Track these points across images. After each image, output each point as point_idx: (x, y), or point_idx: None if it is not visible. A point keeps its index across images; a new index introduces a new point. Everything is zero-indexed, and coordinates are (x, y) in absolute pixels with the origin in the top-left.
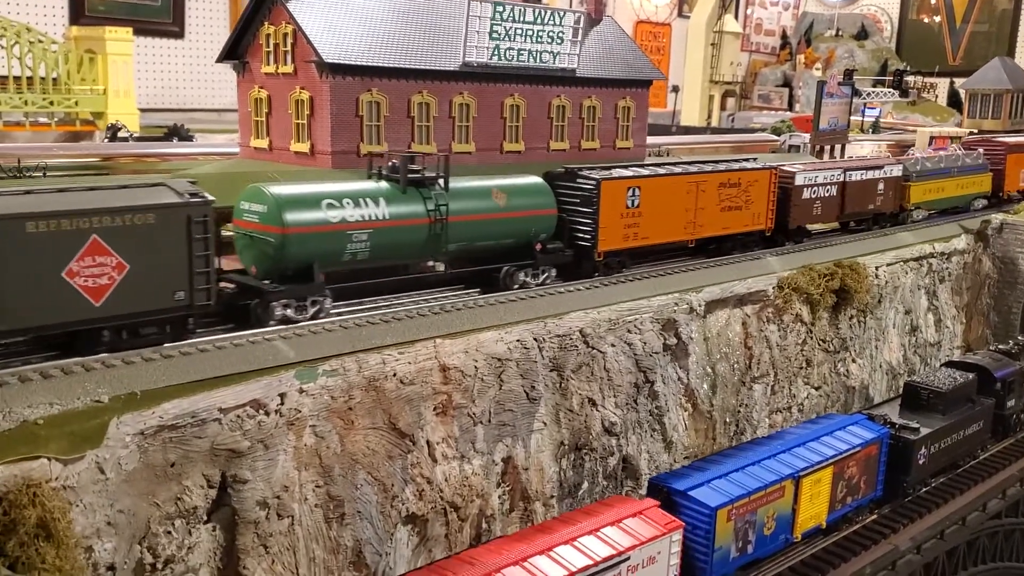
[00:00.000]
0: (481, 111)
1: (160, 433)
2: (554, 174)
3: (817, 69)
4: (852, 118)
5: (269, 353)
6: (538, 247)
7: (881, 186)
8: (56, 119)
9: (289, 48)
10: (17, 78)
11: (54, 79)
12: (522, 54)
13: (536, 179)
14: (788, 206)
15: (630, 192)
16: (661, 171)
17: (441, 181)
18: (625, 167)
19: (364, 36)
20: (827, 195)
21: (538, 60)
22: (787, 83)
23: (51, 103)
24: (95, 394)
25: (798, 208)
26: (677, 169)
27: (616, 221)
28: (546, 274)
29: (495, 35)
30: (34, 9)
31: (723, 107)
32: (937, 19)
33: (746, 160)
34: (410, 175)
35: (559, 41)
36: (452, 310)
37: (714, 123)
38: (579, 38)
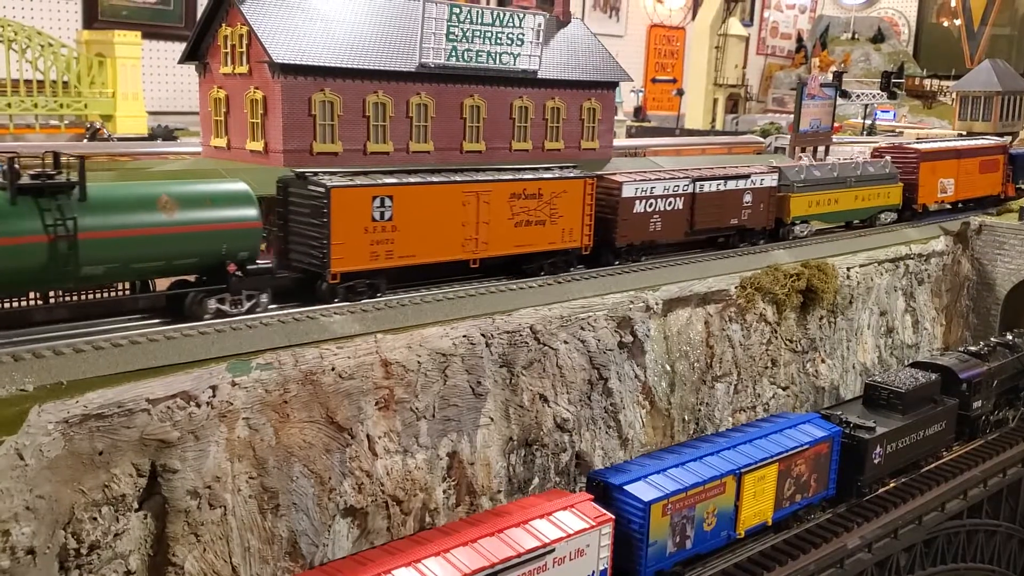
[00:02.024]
0: (439, 111)
1: (86, 422)
2: (286, 179)
3: (833, 72)
4: (865, 121)
5: (200, 346)
6: (231, 268)
7: (748, 198)
8: (66, 122)
9: (244, 49)
10: (28, 81)
11: (64, 82)
12: (480, 55)
13: (234, 185)
14: (614, 221)
15: (378, 202)
16: (422, 179)
17: (78, 189)
18: (388, 173)
19: (319, 37)
20: (669, 208)
21: (497, 61)
22: None
23: (61, 106)
24: (20, 383)
25: (628, 223)
26: (443, 178)
27: (358, 237)
28: (253, 300)
29: (452, 36)
30: (48, 14)
31: (728, 110)
32: (957, 22)
33: (563, 167)
34: (27, 182)
35: (519, 43)
36: (396, 306)
37: (718, 126)
38: (540, 40)
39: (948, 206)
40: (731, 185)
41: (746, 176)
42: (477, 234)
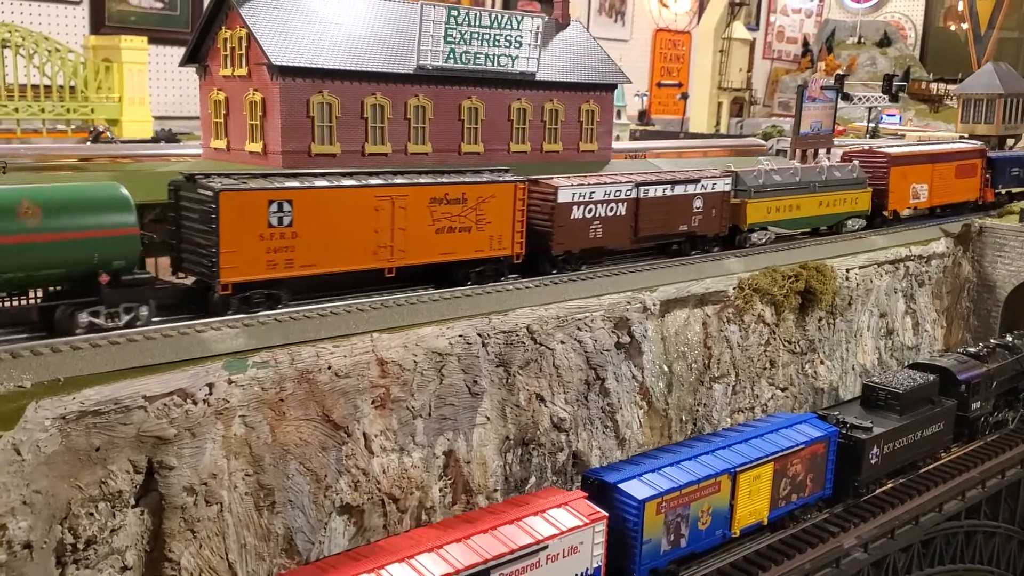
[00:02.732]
0: (437, 113)
1: (83, 418)
2: (177, 182)
3: (836, 74)
4: (870, 124)
5: (196, 344)
6: (104, 279)
7: (699, 203)
8: (72, 126)
9: (243, 51)
10: (35, 86)
11: (71, 87)
12: (479, 57)
13: (107, 187)
14: (550, 228)
15: (275, 207)
16: (328, 182)
17: None
18: (294, 176)
19: (317, 39)
20: (611, 214)
21: (496, 64)
22: None
23: (68, 111)
24: (18, 379)
25: (565, 230)
26: (354, 181)
27: (253, 244)
28: (132, 314)
29: (450, 39)
30: (55, 19)
31: (733, 114)
32: (964, 26)
33: (493, 171)
34: None
35: (517, 45)
36: (392, 305)
37: (723, 130)
38: (538, 42)
39: (927, 211)
40: (679, 190)
41: (696, 181)
42: (392, 241)
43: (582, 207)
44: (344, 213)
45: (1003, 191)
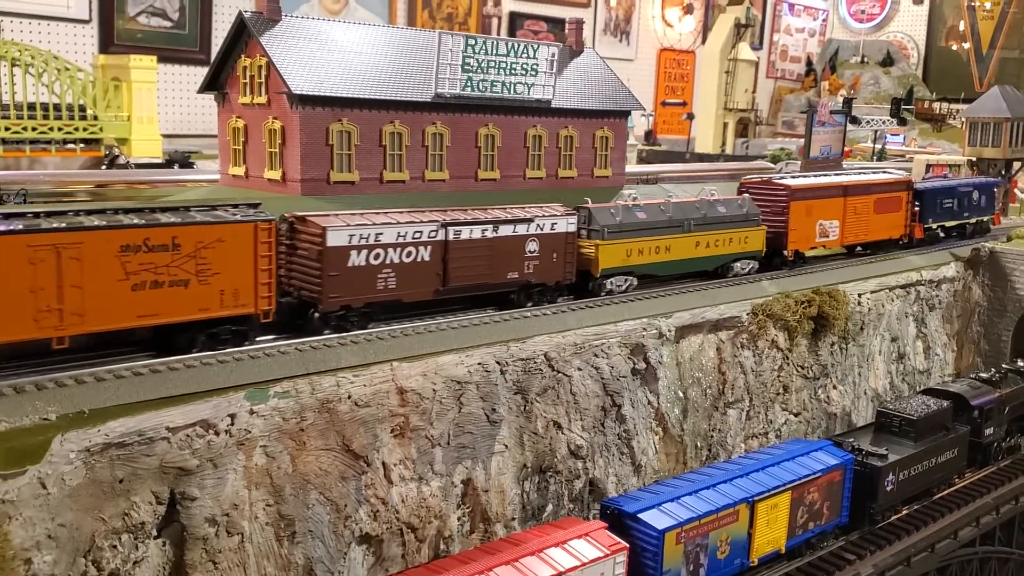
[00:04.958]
0: (455, 141)
1: (107, 450)
2: None
3: (842, 95)
4: (875, 145)
5: (219, 375)
6: None
7: (533, 246)
8: (81, 146)
9: (263, 80)
10: (44, 105)
11: (81, 106)
12: (495, 85)
13: None
14: (319, 277)
15: None
16: None
17: None
18: None
19: (336, 68)
20: (410, 260)
21: (512, 91)
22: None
23: (77, 130)
24: (44, 412)
25: (339, 280)
26: (4, 226)
27: None
28: None
29: (467, 67)
30: (64, 38)
31: (738, 134)
32: (966, 46)
33: (235, 207)
34: None
35: (533, 73)
36: (412, 334)
37: (728, 150)
38: (554, 70)
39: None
40: (505, 231)
41: (528, 220)
42: (62, 303)
43: (365, 251)
44: None
45: (934, 226)
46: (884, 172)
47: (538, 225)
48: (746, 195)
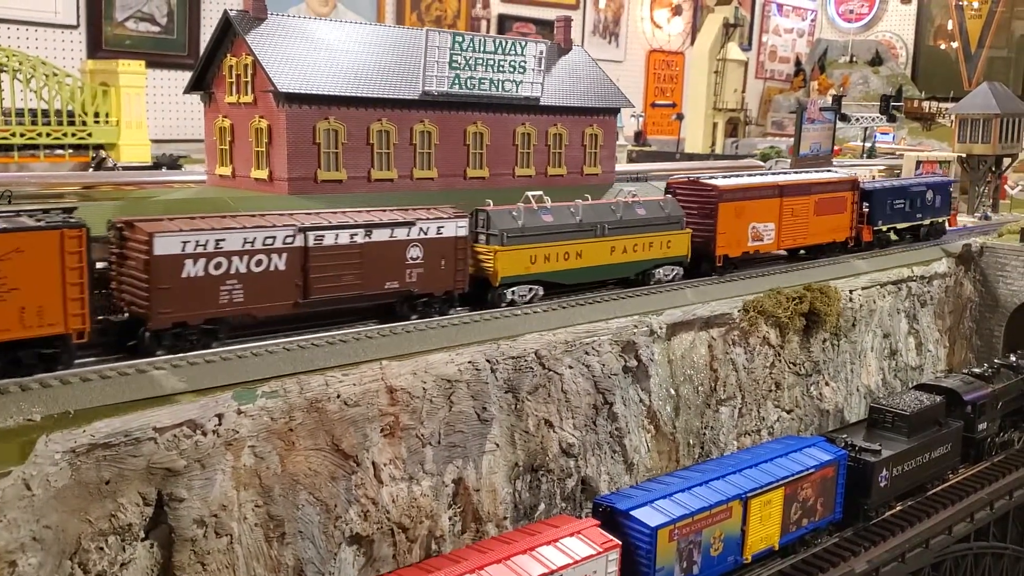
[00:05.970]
0: (443, 138)
1: (93, 451)
2: None
3: (831, 95)
4: (865, 143)
5: (207, 375)
6: None
7: (416, 252)
8: (70, 151)
9: (249, 79)
10: (33, 111)
11: (69, 111)
12: (483, 83)
13: None
14: (146, 290)
15: None
16: None
17: None
18: None
19: (323, 66)
20: (260, 269)
21: (500, 89)
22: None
23: (65, 135)
24: (28, 413)
25: (170, 294)
26: None
27: None
28: None
29: (455, 64)
30: (53, 43)
31: (728, 134)
32: (955, 45)
33: (45, 213)
34: None
35: (521, 70)
36: (401, 332)
37: (718, 150)
38: (542, 67)
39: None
40: (380, 236)
41: (408, 224)
42: None
43: (203, 260)
44: None
45: (885, 228)
46: (827, 171)
47: (421, 229)
48: (669, 196)
